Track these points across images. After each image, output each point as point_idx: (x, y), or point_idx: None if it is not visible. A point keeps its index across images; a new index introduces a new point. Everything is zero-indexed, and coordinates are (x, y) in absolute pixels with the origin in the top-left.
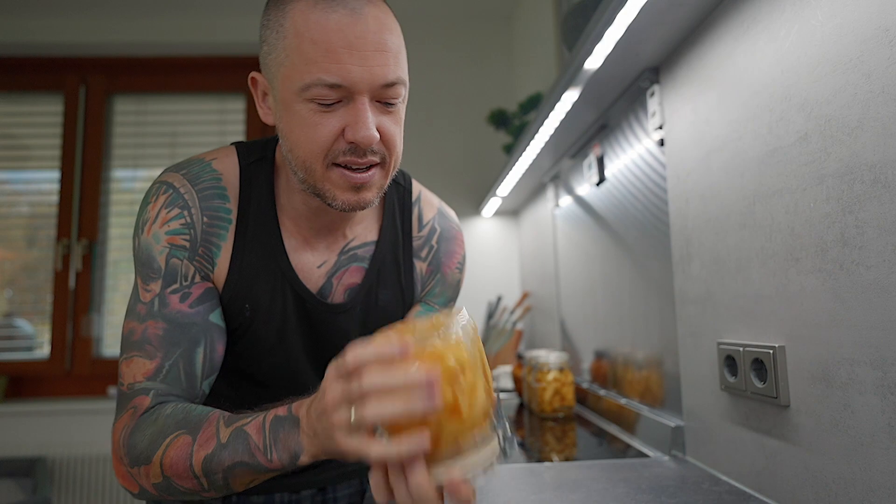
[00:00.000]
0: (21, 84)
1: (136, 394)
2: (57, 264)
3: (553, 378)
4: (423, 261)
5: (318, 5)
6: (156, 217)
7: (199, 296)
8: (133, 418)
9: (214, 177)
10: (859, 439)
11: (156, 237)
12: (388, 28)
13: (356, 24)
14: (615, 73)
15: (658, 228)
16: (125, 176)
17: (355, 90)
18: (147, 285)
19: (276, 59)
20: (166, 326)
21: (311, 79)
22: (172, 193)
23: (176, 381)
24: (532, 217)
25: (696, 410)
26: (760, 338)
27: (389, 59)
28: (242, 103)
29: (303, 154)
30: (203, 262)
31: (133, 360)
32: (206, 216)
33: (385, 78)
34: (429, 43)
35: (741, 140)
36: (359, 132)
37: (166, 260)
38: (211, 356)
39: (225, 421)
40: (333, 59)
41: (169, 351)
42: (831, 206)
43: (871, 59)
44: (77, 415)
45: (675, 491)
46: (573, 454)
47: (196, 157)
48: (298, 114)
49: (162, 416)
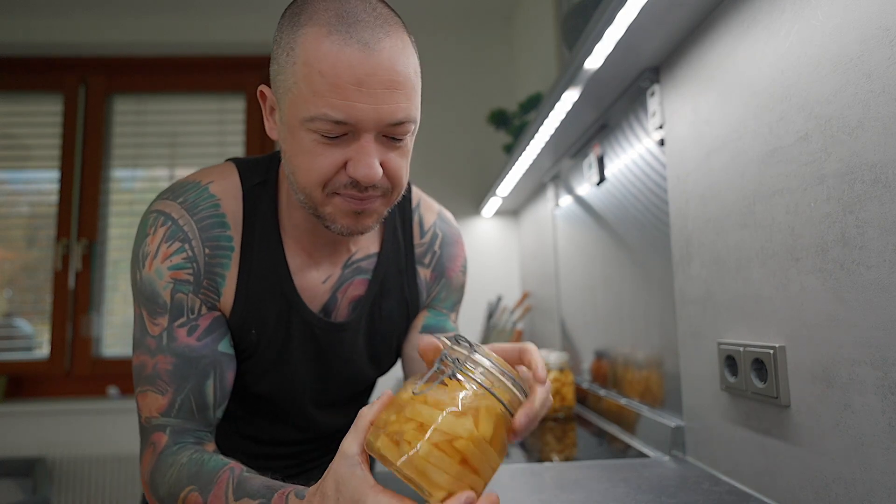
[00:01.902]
0: (21, 84)
1: (153, 429)
2: (57, 264)
3: (553, 378)
4: (426, 267)
5: (331, 36)
6: (156, 251)
7: (207, 327)
8: (154, 456)
9: (213, 203)
10: (859, 439)
11: (158, 273)
12: (403, 62)
13: (368, 60)
14: (615, 73)
15: (658, 228)
16: (125, 176)
17: (360, 128)
18: (154, 319)
19: (284, 82)
20: (175, 361)
21: (317, 112)
22: (171, 226)
23: (189, 413)
24: (532, 217)
25: (697, 410)
26: (761, 338)
27: (400, 97)
28: (242, 103)
29: (303, 180)
30: (208, 293)
31: (147, 394)
32: (208, 247)
33: (393, 117)
34: (429, 43)
35: (741, 140)
36: (360, 170)
37: (171, 295)
38: (221, 385)
39: (234, 489)
40: (340, 95)
41: (180, 386)
42: (832, 206)
43: (872, 59)
44: (77, 415)
45: (675, 491)
46: (573, 454)
47: (192, 180)
48: (301, 141)
49: (177, 466)
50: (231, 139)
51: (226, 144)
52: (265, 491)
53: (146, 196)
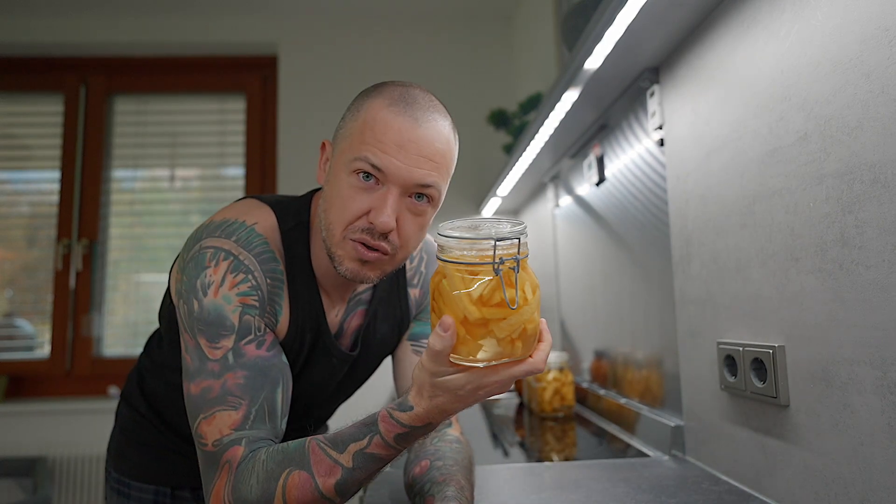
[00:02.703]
0: (21, 84)
1: (225, 448)
2: (57, 264)
3: (553, 378)
4: (415, 287)
5: (391, 107)
6: (222, 281)
7: (272, 342)
8: (231, 473)
9: (263, 241)
10: (859, 439)
11: (226, 298)
12: (442, 142)
13: (414, 130)
14: (615, 73)
15: (658, 228)
16: (125, 176)
17: (390, 180)
18: (217, 343)
19: (343, 135)
20: (247, 374)
21: (361, 154)
22: (233, 260)
23: (262, 423)
24: (532, 217)
25: (696, 410)
26: (760, 338)
27: (432, 167)
28: (242, 103)
29: (332, 216)
30: (270, 317)
31: (215, 417)
32: (269, 278)
33: (421, 180)
34: (429, 43)
35: (741, 140)
36: (378, 217)
37: (240, 317)
38: (286, 394)
39: (332, 447)
40: (382, 149)
41: (254, 396)
42: (831, 206)
43: (871, 59)
44: (77, 414)
45: (675, 491)
46: (573, 454)
47: (236, 219)
48: (342, 182)
49: (259, 463)
50: (231, 139)
51: (226, 144)
52: (362, 429)
53: (146, 196)
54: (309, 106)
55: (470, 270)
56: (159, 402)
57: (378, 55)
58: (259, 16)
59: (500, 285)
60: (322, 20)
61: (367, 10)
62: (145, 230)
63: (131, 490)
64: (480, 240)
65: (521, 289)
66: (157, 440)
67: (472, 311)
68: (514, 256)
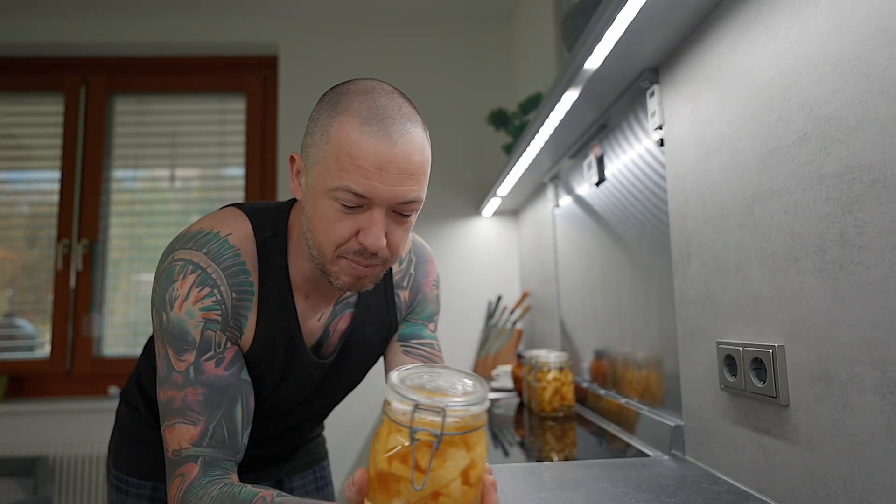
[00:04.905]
0: (21, 84)
1: (182, 461)
2: (57, 264)
3: (553, 377)
4: (404, 289)
5: (363, 128)
6: (187, 295)
7: (231, 358)
8: (182, 488)
9: (234, 253)
10: (859, 439)
11: (189, 313)
12: (418, 153)
13: (391, 150)
14: (615, 73)
15: (658, 228)
16: (125, 176)
17: (375, 203)
18: (181, 356)
19: (315, 154)
20: (206, 391)
21: (341, 184)
22: (201, 274)
23: (220, 441)
24: (532, 217)
25: (696, 410)
26: (760, 337)
27: (412, 181)
28: (242, 103)
29: (319, 240)
30: (233, 331)
31: (176, 427)
32: (235, 292)
33: (404, 197)
34: (429, 43)
35: (741, 140)
36: (369, 239)
37: (201, 333)
38: (247, 410)
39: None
40: (363, 175)
41: (212, 414)
42: (831, 206)
43: (871, 59)
44: (78, 414)
45: (675, 490)
46: (573, 454)
47: (210, 230)
48: (324, 207)
49: (208, 498)
50: (231, 139)
51: (226, 144)
52: None
53: (147, 196)
54: (309, 106)
55: (394, 427)
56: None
57: (378, 55)
58: (259, 16)
59: (408, 457)
60: (322, 21)
61: (368, 11)
62: (145, 230)
63: (129, 486)
64: (405, 399)
65: (441, 468)
66: (154, 438)
67: (382, 467)
68: (433, 430)
